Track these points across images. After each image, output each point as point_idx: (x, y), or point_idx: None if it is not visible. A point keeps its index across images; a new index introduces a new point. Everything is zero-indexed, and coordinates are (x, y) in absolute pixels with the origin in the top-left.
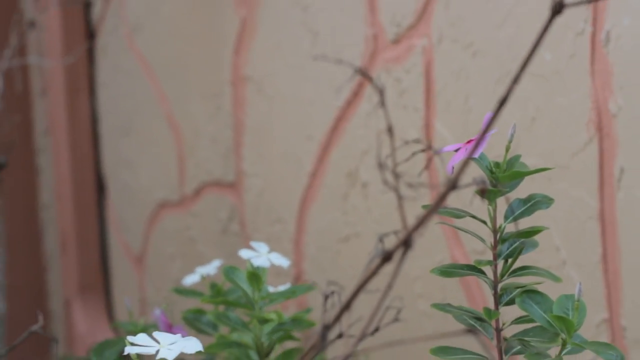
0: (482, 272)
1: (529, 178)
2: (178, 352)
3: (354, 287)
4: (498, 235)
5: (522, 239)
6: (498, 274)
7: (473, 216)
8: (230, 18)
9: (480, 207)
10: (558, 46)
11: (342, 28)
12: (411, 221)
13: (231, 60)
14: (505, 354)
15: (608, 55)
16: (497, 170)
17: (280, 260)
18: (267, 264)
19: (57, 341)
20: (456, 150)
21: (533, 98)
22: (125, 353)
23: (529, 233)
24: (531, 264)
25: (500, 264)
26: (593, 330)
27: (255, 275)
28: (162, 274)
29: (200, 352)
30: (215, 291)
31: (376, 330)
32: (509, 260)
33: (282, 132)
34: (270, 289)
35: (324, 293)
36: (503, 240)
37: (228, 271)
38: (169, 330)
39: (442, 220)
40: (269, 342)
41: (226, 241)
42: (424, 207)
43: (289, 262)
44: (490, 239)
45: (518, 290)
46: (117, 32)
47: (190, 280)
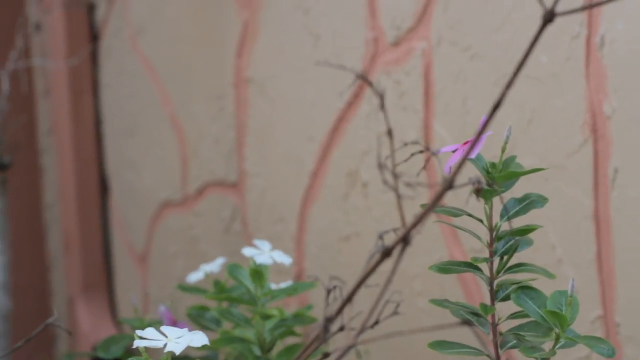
0: (478, 269)
1: (526, 178)
2: (185, 345)
3: (355, 282)
4: (494, 233)
5: (518, 237)
6: (494, 271)
7: (470, 215)
8: (233, 21)
9: (478, 206)
10: (554, 50)
11: (343, 31)
12: (410, 219)
13: (234, 62)
14: (501, 348)
15: (603, 59)
16: (493, 170)
17: (282, 258)
18: (270, 262)
19: (71, 332)
20: (454, 151)
21: (530, 100)
22: (134, 346)
23: (523, 231)
24: (528, 262)
25: (496, 261)
26: (588, 327)
27: (258, 273)
28: (165, 273)
29: (204, 347)
30: (218, 288)
31: (376, 323)
32: (505, 258)
33: (284, 133)
34: (273, 286)
35: (326, 287)
36: (499, 238)
37: (232, 268)
38: (174, 326)
39: (440, 219)
40: (271, 337)
41: (228, 240)
42: (423, 206)
43: (291, 260)
44: (487, 237)
45: (513, 286)
46: (120, 34)
47: (194, 277)
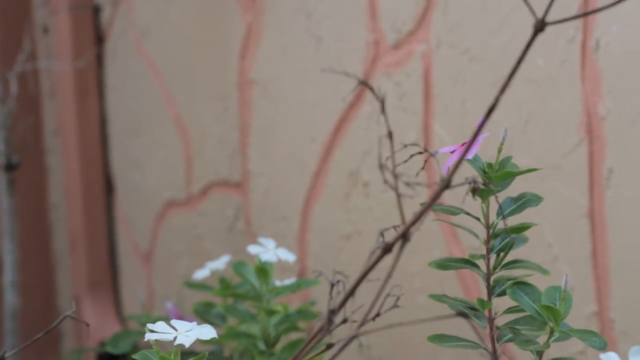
0: (475, 266)
1: (523, 178)
2: (194, 338)
3: (358, 276)
4: (491, 231)
5: (513, 235)
6: (491, 267)
7: (467, 213)
8: (237, 24)
9: (476, 205)
10: (550, 53)
11: (345, 34)
12: (409, 217)
13: (237, 64)
14: (498, 341)
15: (597, 62)
16: (489, 170)
17: (286, 256)
18: (275, 259)
19: (88, 325)
20: (452, 152)
21: (526, 102)
22: (145, 339)
23: (519, 229)
24: (524, 259)
25: (492, 257)
26: (583, 322)
27: (263, 270)
28: (170, 272)
29: (209, 341)
30: (224, 285)
31: (377, 315)
32: (501, 254)
33: (287, 134)
34: (277, 282)
35: (330, 281)
36: (495, 236)
37: (237, 266)
38: None
39: (440, 218)
40: (275, 332)
41: (232, 239)
42: (422, 205)
43: (295, 257)
44: (484, 235)
45: (509, 282)
46: (125, 36)
47: (200, 275)
